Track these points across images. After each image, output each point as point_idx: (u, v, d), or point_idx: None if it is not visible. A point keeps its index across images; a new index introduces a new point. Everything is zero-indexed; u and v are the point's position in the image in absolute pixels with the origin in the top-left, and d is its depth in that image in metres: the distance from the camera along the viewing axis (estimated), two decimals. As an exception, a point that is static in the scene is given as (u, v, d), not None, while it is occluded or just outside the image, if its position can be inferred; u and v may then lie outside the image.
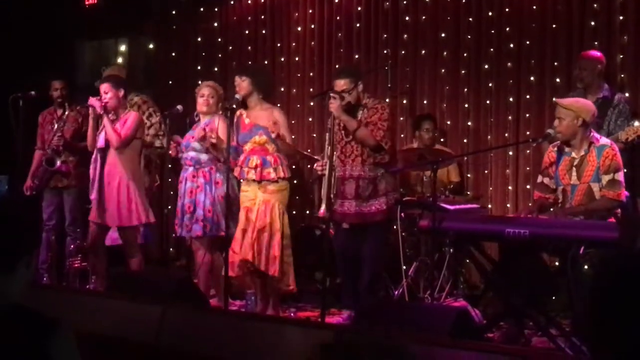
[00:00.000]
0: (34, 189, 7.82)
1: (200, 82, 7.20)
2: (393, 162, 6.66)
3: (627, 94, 7.13)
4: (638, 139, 6.04)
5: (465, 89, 8.06)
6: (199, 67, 9.57)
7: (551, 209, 5.77)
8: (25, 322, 2.29)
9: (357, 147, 6.43)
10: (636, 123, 6.13)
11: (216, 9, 9.59)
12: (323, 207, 6.06)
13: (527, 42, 7.70)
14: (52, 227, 7.91)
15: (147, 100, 8.00)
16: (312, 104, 8.82)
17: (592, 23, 7.37)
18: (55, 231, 7.94)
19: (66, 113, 7.94)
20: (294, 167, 8.44)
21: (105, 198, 6.81)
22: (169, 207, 7.30)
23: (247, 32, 9.36)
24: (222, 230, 6.48)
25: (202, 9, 9.66)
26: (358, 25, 8.64)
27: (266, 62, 9.10)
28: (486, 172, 7.94)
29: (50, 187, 7.90)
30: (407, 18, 8.37)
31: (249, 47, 9.35)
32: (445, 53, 8.16)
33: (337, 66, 8.50)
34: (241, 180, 6.55)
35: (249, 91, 6.45)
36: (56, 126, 7.84)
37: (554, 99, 5.88)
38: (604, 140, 5.64)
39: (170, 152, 6.88)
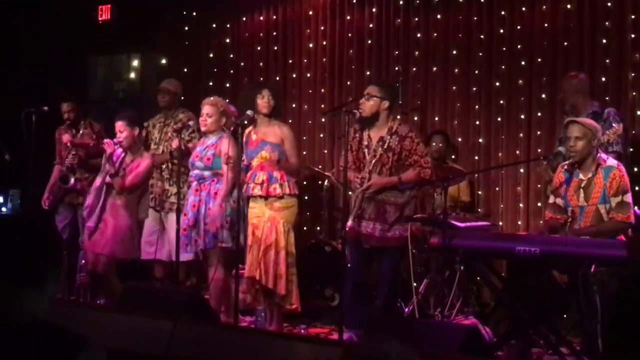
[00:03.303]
0: (49, 204, 7.91)
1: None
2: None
3: (638, 112, 7.15)
4: (617, 138, 6.10)
5: (477, 106, 8.07)
6: (210, 83, 9.61)
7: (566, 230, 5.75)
8: (54, 340, 2.28)
9: (387, 172, 6.29)
10: (615, 125, 6.18)
11: (228, 25, 9.63)
12: (350, 220, 6.09)
13: (539, 60, 7.72)
14: (64, 241, 7.97)
15: (191, 117, 8.01)
16: (323, 120, 8.83)
17: (604, 40, 7.38)
18: (67, 245, 7.98)
19: (80, 132, 8.01)
20: (304, 182, 8.45)
21: (103, 227, 6.94)
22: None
23: (258, 48, 9.40)
24: (222, 242, 6.50)
25: (214, 25, 9.70)
26: (370, 42, 8.66)
27: (277, 79, 9.14)
28: (497, 189, 7.94)
29: (65, 202, 7.98)
30: (418, 35, 8.39)
31: (261, 63, 9.38)
32: (456, 70, 8.17)
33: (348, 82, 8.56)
34: (249, 197, 6.50)
35: (271, 111, 6.44)
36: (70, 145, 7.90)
37: (573, 118, 5.82)
38: (611, 162, 5.61)
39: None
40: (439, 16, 8.28)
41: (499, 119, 7.94)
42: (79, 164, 7.88)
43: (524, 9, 7.81)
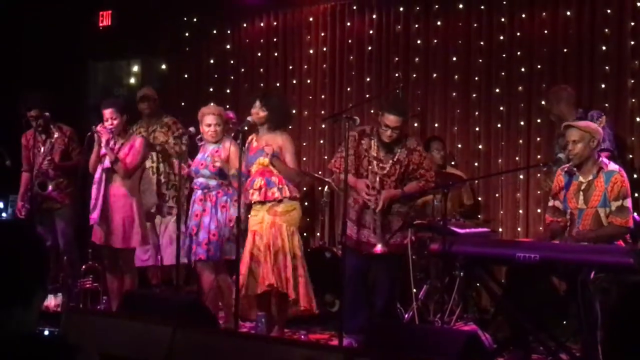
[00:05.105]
0: (26, 212, 7.75)
1: (211, 104, 7.24)
2: None
3: (637, 119, 7.17)
4: (605, 136, 6.21)
5: (476, 112, 8.08)
6: (211, 89, 9.62)
7: (565, 235, 5.76)
8: (48, 349, 2.26)
9: (393, 184, 6.32)
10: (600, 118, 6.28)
11: (229, 31, 9.65)
12: (379, 246, 6.11)
13: (538, 66, 7.73)
14: (50, 247, 7.87)
15: (176, 121, 8.05)
16: (323, 126, 8.85)
17: (603, 47, 7.39)
18: (54, 250, 7.91)
19: (54, 137, 7.76)
20: (304, 189, 8.46)
21: (110, 219, 6.88)
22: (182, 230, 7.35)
23: (259, 54, 9.41)
24: (227, 254, 6.50)
25: (214, 31, 9.71)
26: (370, 48, 8.68)
27: (278, 84, 9.15)
28: (497, 195, 7.95)
29: (43, 208, 7.84)
30: (418, 42, 8.41)
31: (261, 69, 9.39)
32: (456, 76, 8.19)
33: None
34: (251, 204, 6.51)
35: (264, 121, 6.46)
36: (43, 150, 7.71)
37: (568, 123, 5.86)
38: (613, 166, 5.64)
39: (183, 172, 6.98)
40: (439, 23, 8.30)
41: (499, 126, 7.95)
42: (54, 168, 7.69)
43: (523, 15, 7.83)
